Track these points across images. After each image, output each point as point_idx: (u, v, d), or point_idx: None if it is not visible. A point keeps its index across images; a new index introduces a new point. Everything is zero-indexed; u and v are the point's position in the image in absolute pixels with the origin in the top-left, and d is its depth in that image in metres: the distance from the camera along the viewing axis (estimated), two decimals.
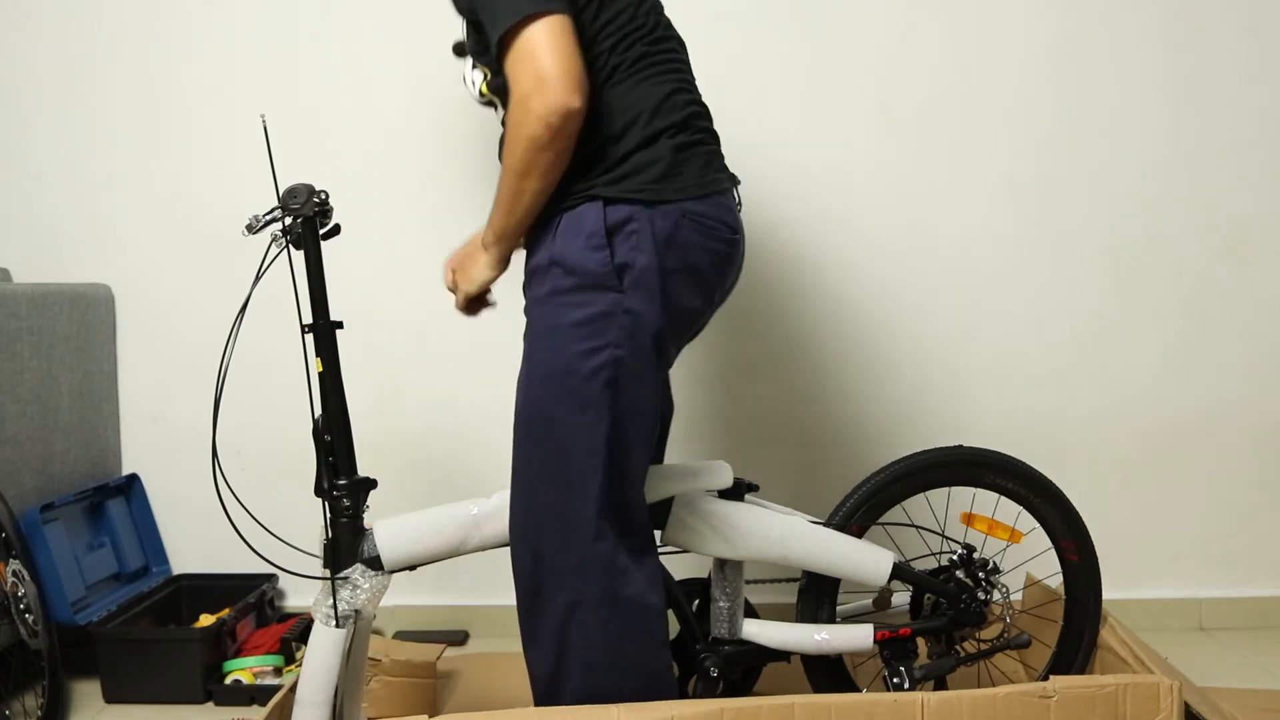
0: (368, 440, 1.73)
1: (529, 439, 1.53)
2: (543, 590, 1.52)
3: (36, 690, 2.08)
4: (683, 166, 1.52)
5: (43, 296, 2.32)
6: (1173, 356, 2.52)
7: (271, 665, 2.24)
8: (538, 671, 1.55)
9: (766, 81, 2.46)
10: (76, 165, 2.52)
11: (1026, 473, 1.86)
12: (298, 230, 1.57)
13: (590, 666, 1.52)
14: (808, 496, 2.14)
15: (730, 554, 1.76)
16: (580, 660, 1.52)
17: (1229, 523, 2.54)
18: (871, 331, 2.52)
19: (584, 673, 1.52)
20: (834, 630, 1.78)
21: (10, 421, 2.20)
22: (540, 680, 1.55)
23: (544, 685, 1.55)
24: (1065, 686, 1.52)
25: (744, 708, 1.48)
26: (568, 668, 1.53)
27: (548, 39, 1.39)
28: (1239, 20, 2.46)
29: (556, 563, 1.51)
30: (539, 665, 1.55)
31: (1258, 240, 2.51)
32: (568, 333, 1.49)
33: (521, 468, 1.54)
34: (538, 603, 1.53)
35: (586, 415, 1.48)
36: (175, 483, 2.54)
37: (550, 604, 1.52)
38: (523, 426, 1.53)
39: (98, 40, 2.50)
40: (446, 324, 2.45)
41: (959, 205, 2.50)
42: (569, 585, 1.51)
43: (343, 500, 1.59)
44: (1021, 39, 2.47)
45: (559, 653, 1.52)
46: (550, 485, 1.51)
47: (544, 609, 1.52)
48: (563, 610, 1.51)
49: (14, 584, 1.97)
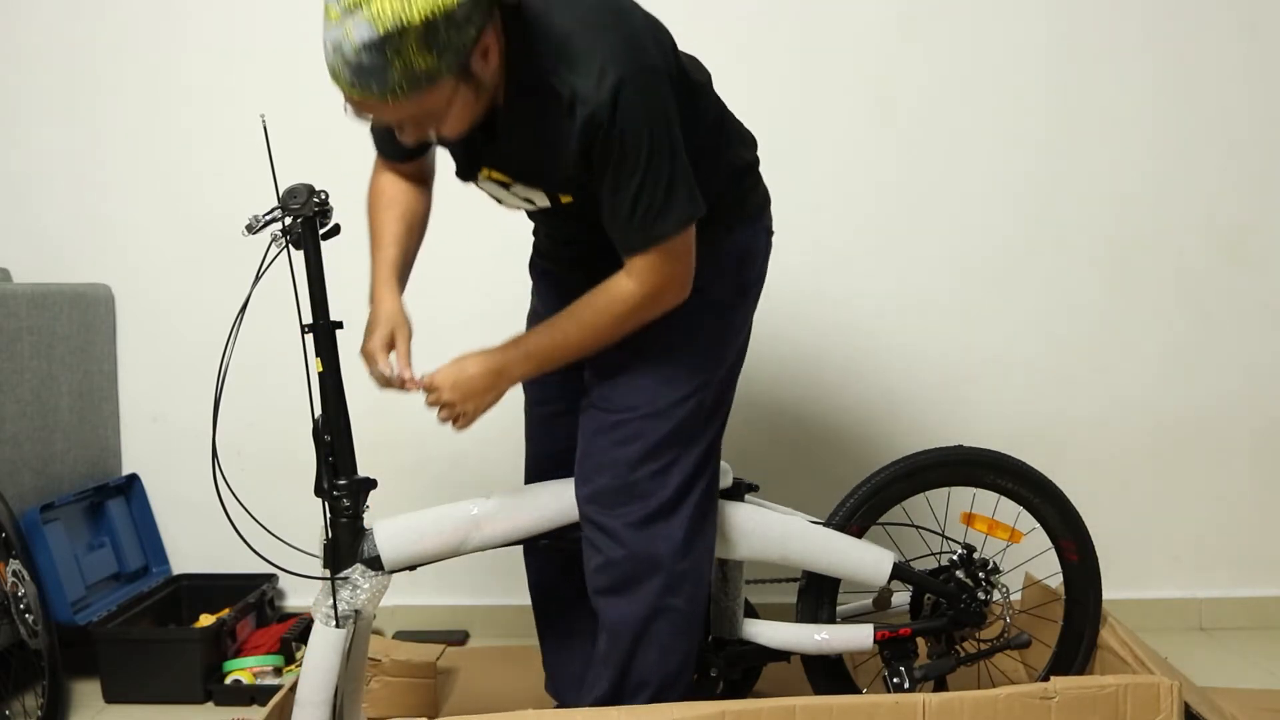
0: (368, 440, 1.73)
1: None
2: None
3: (36, 690, 2.08)
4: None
5: (43, 296, 2.32)
6: (1173, 356, 2.52)
7: (271, 665, 2.24)
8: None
9: (766, 81, 2.46)
10: (76, 165, 2.52)
11: (1026, 473, 1.86)
12: (298, 230, 1.57)
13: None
14: (808, 496, 2.14)
15: (730, 554, 1.76)
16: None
17: (1229, 523, 2.54)
18: (871, 331, 2.52)
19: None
20: (834, 630, 1.78)
21: (10, 421, 2.20)
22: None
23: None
24: (1066, 687, 1.52)
25: (745, 710, 1.49)
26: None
27: (690, 244, 1.47)
28: (1238, 20, 2.46)
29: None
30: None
31: (1258, 240, 2.51)
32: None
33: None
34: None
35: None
36: (175, 483, 2.54)
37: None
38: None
39: (98, 40, 2.50)
40: (446, 324, 2.45)
41: (959, 205, 2.50)
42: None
43: (343, 500, 1.58)
44: (1021, 39, 2.47)
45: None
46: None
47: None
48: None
49: (14, 584, 1.97)
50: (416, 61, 1.25)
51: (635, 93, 1.34)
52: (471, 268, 2.47)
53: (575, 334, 1.52)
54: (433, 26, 1.24)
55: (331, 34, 1.26)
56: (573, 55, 1.35)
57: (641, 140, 1.37)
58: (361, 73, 1.26)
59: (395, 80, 1.26)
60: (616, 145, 1.36)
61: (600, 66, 1.33)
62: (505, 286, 2.14)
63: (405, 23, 1.22)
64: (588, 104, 1.34)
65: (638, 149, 1.37)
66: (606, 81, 1.33)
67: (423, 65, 1.26)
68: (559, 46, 1.35)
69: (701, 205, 1.46)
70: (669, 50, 1.46)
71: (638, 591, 1.56)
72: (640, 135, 1.37)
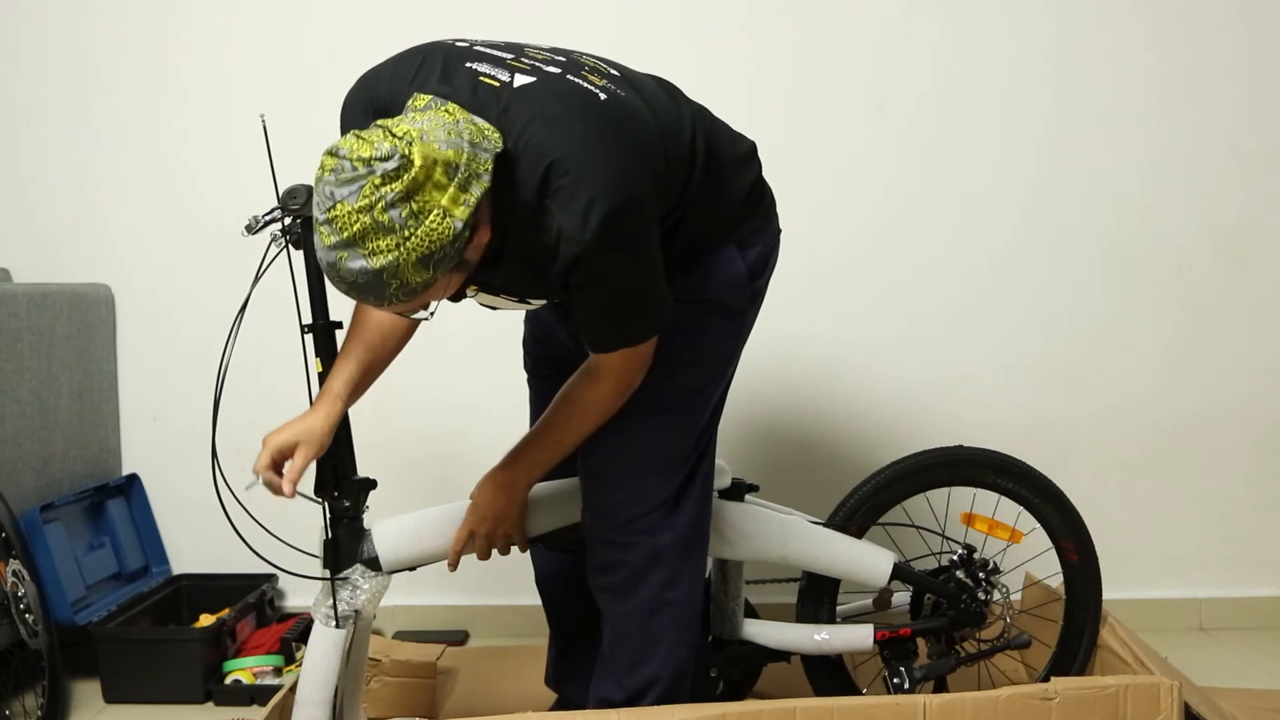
0: (368, 440, 1.73)
1: None
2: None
3: (36, 690, 2.08)
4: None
5: (43, 296, 2.32)
6: (1173, 356, 2.52)
7: (271, 665, 2.24)
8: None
9: (766, 81, 2.46)
10: (76, 165, 2.52)
11: (1026, 473, 1.86)
12: (297, 230, 1.57)
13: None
14: (808, 496, 2.14)
15: (730, 554, 1.76)
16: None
17: (1229, 523, 2.54)
18: (871, 331, 2.52)
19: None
20: (834, 630, 1.78)
21: (10, 421, 2.20)
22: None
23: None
24: (1066, 687, 1.52)
25: (746, 711, 1.49)
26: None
27: (651, 348, 1.50)
28: (1239, 20, 2.46)
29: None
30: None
31: (1258, 240, 2.50)
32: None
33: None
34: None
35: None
36: (175, 483, 2.54)
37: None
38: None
39: (97, 40, 2.50)
40: (446, 324, 2.45)
41: (959, 205, 2.50)
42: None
43: (343, 500, 1.59)
44: (1021, 39, 2.47)
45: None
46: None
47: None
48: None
49: (14, 584, 1.97)
50: (413, 279, 1.25)
51: (618, 224, 1.34)
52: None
53: (563, 434, 1.57)
54: (427, 256, 1.24)
55: (325, 255, 1.26)
56: (560, 192, 1.33)
57: (623, 267, 1.40)
58: (357, 289, 1.27)
59: (391, 294, 1.27)
60: (595, 271, 1.37)
61: (587, 204, 1.32)
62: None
63: (401, 261, 1.23)
64: (572, 243, 1.33)
65: (614, 272, 1.39)
66: (592, 219, 1.32)
67: (419, 280, 1.26)
68: (548, 177, 1.33)
69: (670, 307, 1.48)
70: (655, 153, 1.44)
71: (639, 588, 1.57)
72: (622, 262, 1.39)
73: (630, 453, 1.56)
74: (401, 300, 1.28)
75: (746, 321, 1.66)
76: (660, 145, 1.45)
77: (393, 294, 1.27)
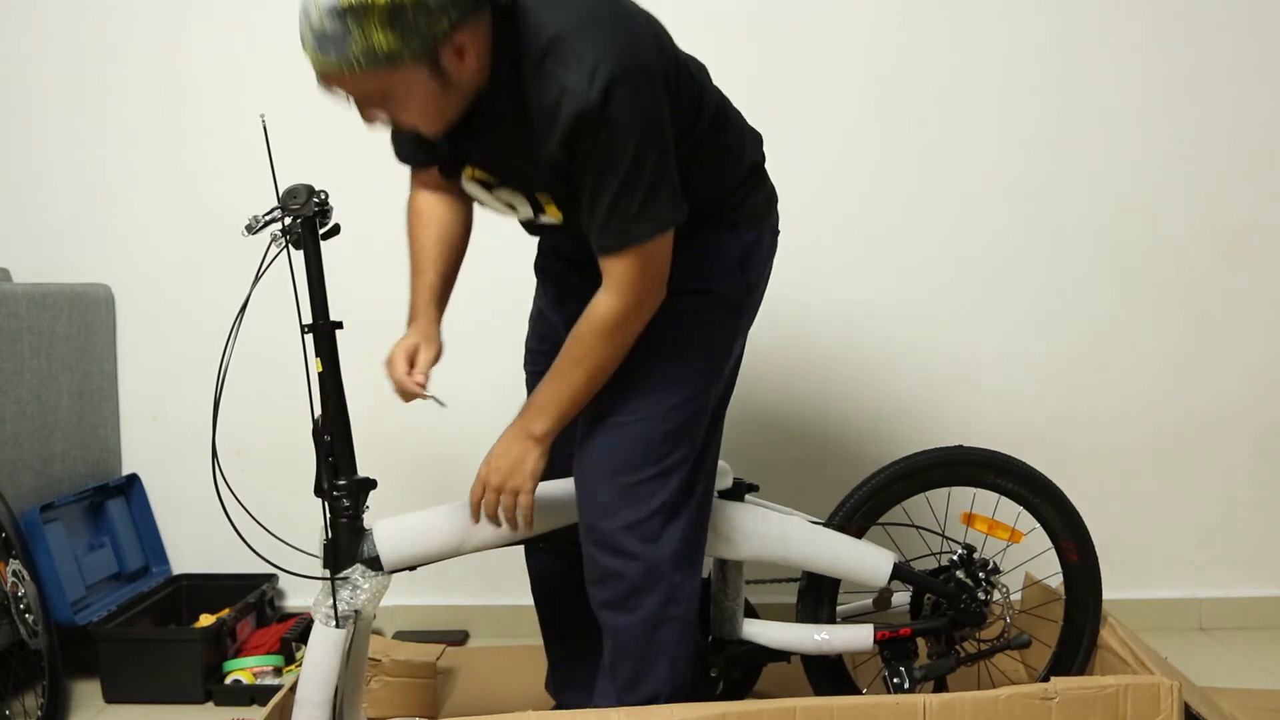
0: (368, 440, 1.73)
1: None
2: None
3: (36, 690, 2.08)
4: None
5: (43, 296, 2.32)
6: (1173, 356, 2.52)
7: (271, 665, 2.24)
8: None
9: (766, 80, 2.46)
10: (76, 165, 2.52)
11: (1026, 473, 1.86)
12: (297, 230, 1.56)
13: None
14: (808, 496, 2.14)
15: (730, 554, 1.76)
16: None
17: (1229, 523, 2.54)
18: (871, 331, 2.52)
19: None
20: (834, 630, 1.78)
21: (10, 421, 2.20)
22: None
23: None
24: (1066, 687, 1.52)
25: (746, 711, 1.48)
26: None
27: (667, 250, 1.44)
28: (1239, 20, 2.46)
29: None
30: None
31: (1258, 240, 2.50)
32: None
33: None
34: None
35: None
36: (175, 483, 2.54)
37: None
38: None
39: (98, 40, 2.50)
40: (446, 324, 2.45)
41: (959, 205, 2.50)
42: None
43: (343, 500, 1.58)
44: (1021, 39, 2.47)
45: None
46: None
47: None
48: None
49: (14, 584, 1.97)
50: (377, 37, 1.25)
51: (627, 92, 1.32)
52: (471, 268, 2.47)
53: (575, 370, 1.50)
54: (399, 6, 1.24)
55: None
56: (564, 53, 1.33)
57: (629, 140, 1.35)
58: (323, 40, 1.26)
59: (353, 52, 1.26)
60: (603, 143, 1.34)
61: (593, 64, 1.31)
62: (506, 287, 2.14)
63: (369, 3, 1.23)
64: (576, 99, 1.31)
65: (624, 148, 1.35)
66: (599, 79, 1.31)
67: (383, 42, 1.25)
68: (551, 45, 1.33)
69: (683, 212, 1.44)
70: (667, 50, 1.45)
71: (640, 605, 1.55)
72: (628, 135, 1.35)
73: (622, 455, 1.54)
74: (363, 67, 1.27)
75: (741, 320, 1.64)
76: (673, 50, 1.45)
77: (355, 54, 1.26)
